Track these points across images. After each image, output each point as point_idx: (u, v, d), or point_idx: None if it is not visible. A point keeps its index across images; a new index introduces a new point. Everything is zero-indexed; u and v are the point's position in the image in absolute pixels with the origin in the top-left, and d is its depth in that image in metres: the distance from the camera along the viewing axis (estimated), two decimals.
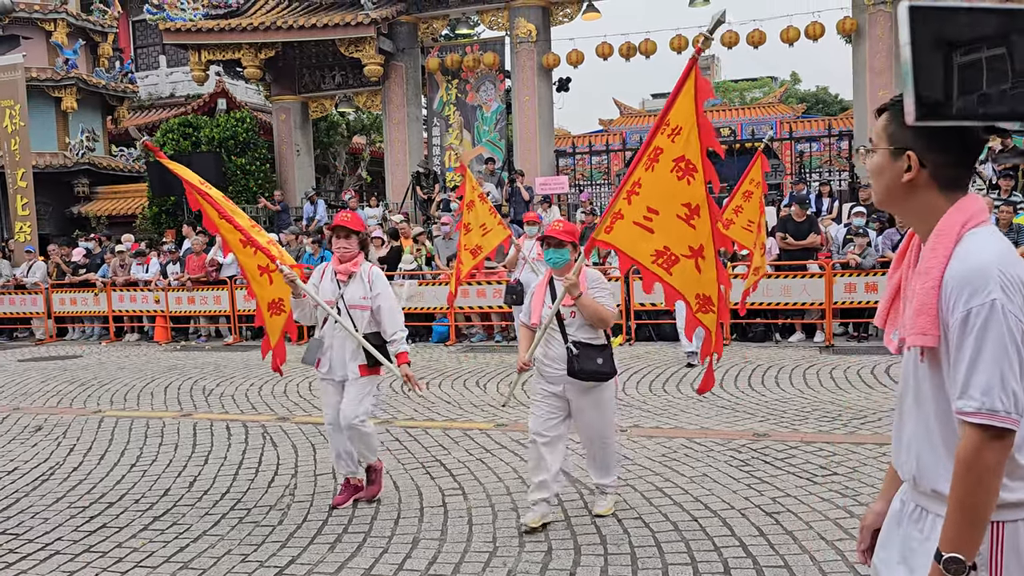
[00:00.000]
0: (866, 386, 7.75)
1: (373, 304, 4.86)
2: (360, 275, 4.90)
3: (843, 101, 43.05)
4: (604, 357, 4.38)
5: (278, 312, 5.11)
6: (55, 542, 4.58)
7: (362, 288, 4.87)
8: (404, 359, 4.86)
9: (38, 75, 20.06)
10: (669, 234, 4.07)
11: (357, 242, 4.92)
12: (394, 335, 4.87)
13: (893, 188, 1.76)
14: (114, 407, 8.23)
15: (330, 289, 4.92)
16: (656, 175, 3.98)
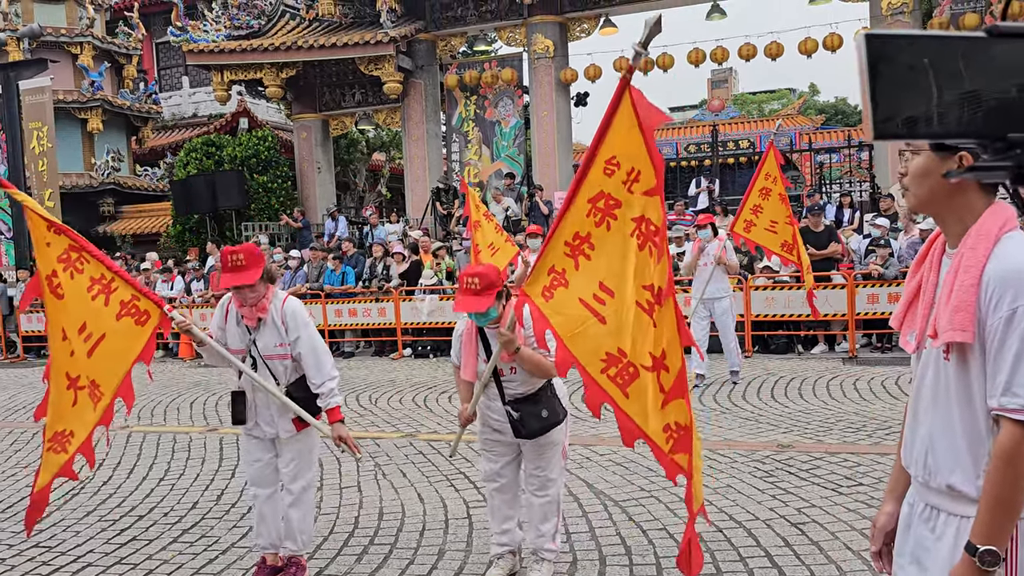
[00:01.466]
0: (891, 397, 7.70)
1: (293, 350, 3.93)
2: (271, 318, 3.92)
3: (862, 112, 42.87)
4: (548, 407, 3.77)
5: (59, 449, 3.85)
6: (87, 555, 4.65)
7: (276, 334, 3.92)
8: (336, 416, 3.96)
9: (65, 97, 20.45)
10: (624, 330, 2.96)
11: (261, 283, 3.86)
12: (321, 385, 3.93)
13: (938, 189, 1.78)
14: (141, 422, 8.34)
15: (238, 335, 3.99)
16: (612, 236, 2.97)
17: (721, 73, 49.37)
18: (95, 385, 3.82)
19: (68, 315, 3.83)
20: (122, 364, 3.80)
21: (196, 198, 17.62)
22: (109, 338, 3.79)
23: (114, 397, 3.81)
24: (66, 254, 3.81)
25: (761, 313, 10.71)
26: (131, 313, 3.81)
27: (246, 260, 3.77)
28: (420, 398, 8.91)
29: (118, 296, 3.81)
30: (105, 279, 3.82)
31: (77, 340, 3.80)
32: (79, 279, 3.81)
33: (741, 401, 7.85)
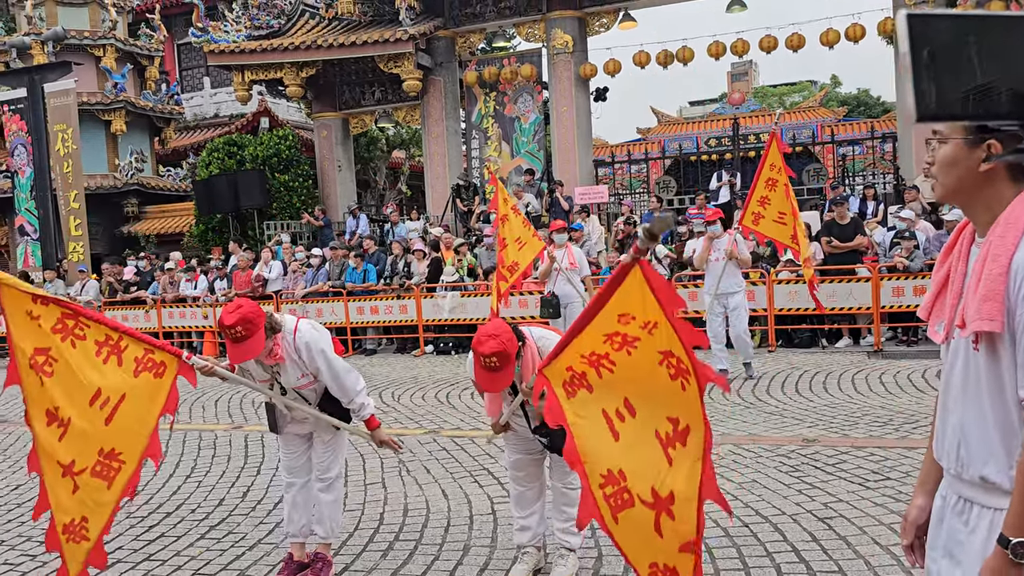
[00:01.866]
0: (917, 390, 7.62)
1: (317, 376, 4.01)
2: (288, 356, 3.94)
3: (885, 103, 42.37)
4: None
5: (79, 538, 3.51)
6: (116, 551, 4.71)
7: (296, 368, 3.97)
8: (374, 424, 4.11)
9: (88, 99, 20.67)
10: (632, 454, 2.79)
11: (263, 337, 3.77)
12: (351, 403, 4.04)
13: (966, 178, 1.75)
14: (166, 420, 8.40)
15: (259, 369, 4.00)
16: (635, 362, 2.78)
17: (741, 66, 49.00)
18: (113, 456, 3.54)
19: (70, 389, 3.51)
20: (147, 424, 3.61)
21: (218, 198, 17.76)
22: (129, 398, 3.58)
23: (140, 461, 3.60)
24: (61, 324, 3.53)
25: (784, 307, 10.63)
26: (148, 368, 3.63)
27: (245, 331, 3.68)
28: (443, 394, 8.93)
29: (131, 354, 3.63)
30: (112, 339, 3.62)
31: (90, 411, 3.53)
32: (83, 346, 3.56)
33: (765, 395, 7.80)
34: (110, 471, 3.54)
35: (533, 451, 3.99)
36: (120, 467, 3.55)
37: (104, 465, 3.53)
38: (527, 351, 3.64)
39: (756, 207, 7.90)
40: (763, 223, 7.97)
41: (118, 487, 3.54)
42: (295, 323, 4.01)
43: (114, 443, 3.55)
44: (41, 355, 3.48)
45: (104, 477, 3.53)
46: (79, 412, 3.51)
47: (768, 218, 7.93)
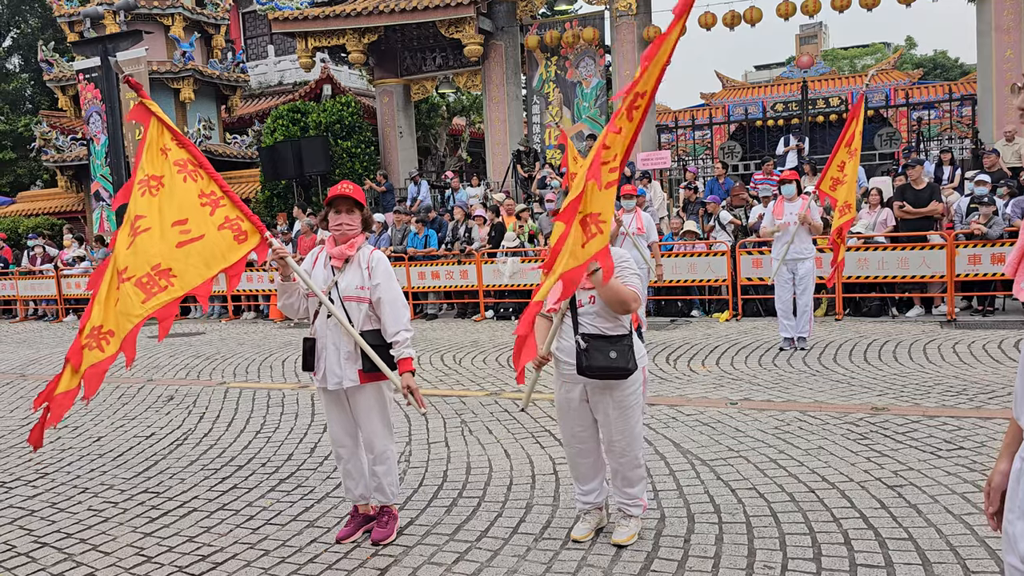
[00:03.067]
0: (993, 360, 7.37)
1: (372, 296, 4.00)
2: (358, 260, 4.03)
3: (963, 65, 40.64)
4: (619, 350, 3.69)
5: (94, 345, 3.69)
6: (192, 500, 4.89)
7: (359, 276, 4.01)
8: (407, 366, 3.97)
9: (158, 68, 21.12)
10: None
11: (360, 219, 4.05)
12: (396, 335, 3.96)
13: None
14: (237, 379, 8.67)
15: (322, 277, 4.07)
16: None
17: (811, 28, 47.51)
18: (165, 274, 3.75)
19: (164, 208, 3.84)
20: (209, 268, 3.83)
21: (283, 164, 18.04)
22: (206, 241, 3.85)
23: (186, 294, 3.77)
24: (183, 163, 3.93)
25: (853, 275, 10.35)
26: (233, 228, 3.92)
27: (354, 190, 4.02)
28: (503, 358, 8.99)
29: (224, 211, 3.93)
30: (215, 195, 3.94)
31: (170, 230, 3.82)
32: (191, 185, 3.92)
33: (832, 364, 7.64)
34: (154, 286, 3.74)
35: (580, 425, 3.92)
36: (165, 288, 3.75)
37: (152, 279, 3.74)
38: None
39: (836, 172, 7.70)
40: (840, 189, 7.79)
41: (152, 305, 3.72)
42: (374, 248, 4.20)
43: (172, 263, 3.78)
44: (155, 180, 3.88)
45: (145, 290, 3.73)
46: (159, 227, 3.81)
47: (847, 185, 7.81)
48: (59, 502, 5.01)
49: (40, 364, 10.63)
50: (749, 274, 10.89)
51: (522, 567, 3.69)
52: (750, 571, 3.50)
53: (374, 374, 4.00)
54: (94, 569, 3.98)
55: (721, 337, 9.52)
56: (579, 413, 3.90)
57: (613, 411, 3.79)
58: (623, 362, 3.68)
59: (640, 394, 3.87)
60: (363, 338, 3.95)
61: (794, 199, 8.46)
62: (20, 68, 32.12)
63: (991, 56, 14.41)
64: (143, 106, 3.96)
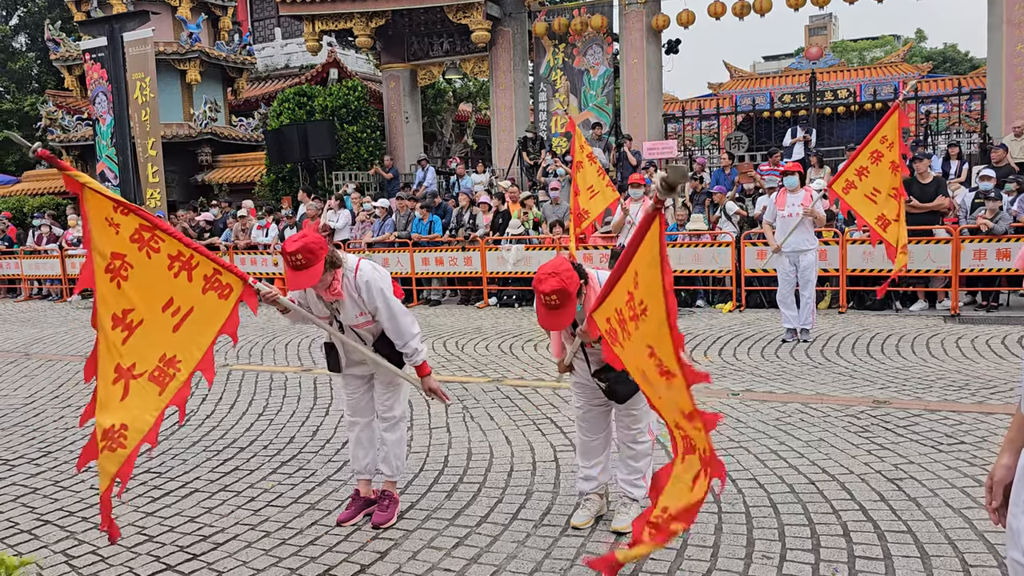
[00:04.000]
0: (996, 356, 7.36)
1: (375, 316, 4.05)
2: (347, 293, 3.99)
3: (973, 59, 40.40)
4: None
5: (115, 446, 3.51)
6: (194, 481, 4.92)
7: (355, 306, 4.01)
8: (425, 370, 4.12)
9: (164, 49, 21.07)
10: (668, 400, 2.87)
11: (326, 275, 3.88)
12: (405, 346, 4.05)
13: None
14: (240, 361, 8.70)
15: (320, 305, 4.08)
16: (635, 341, 2.95)
17: (820, 19, 47.22)
18: (172, 363, 3.67)
19: (145, 293, 3.64)
20: (207, 336, 3.73)
21: (288, 148, 18.03)
22: (196, 311, 3.72)
23: (193, 372, 3.71)
24: (138, 234, 3.62)
25: (858, 267, 10.33)
26: (214, 287, 3.75)
27: (305, 259, 3.73)
28: (506, 345, 9.00)
29: (200, 271, 3.73)
30: (184, 256, 3.71)
31: (162, 317, 3.67)
32: (156, 259, 3.66)
33: (835, 356, 7.64)
34: (166, 377, 3.65)
35: (597, 399, 3.98)
36: (175, 375, 3.67)
37: (162, 371, 3.65)
38: (590, 291, 3.61)
39: (852, 175, 7.35)
40: (853, 194, 7.31)
41: (169, 394, 3.65)
42: (356, 262, 4.05)
43: (176, 350, 3.68)
44: (118, 259, 3.59)
45: (159, 383, 3.64)
46: (152, 316, 3.64)
47: (860, 191, 7.34)
48: (62, 480, 5.04)
49: (44, 343, 10.67)
50: (753, 265, 10.87)
51: (521, 553, 3.71)
52: (749, 561, 3.51)
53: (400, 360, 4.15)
54: (96, 547, 4.00)
55: (724, 328, 9.52)
56: (591, 392, 3.98)
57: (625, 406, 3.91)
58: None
59: None
60: (379, 345, 4.10)
61: (797, 190, 8.43)
62: (27, 47, 32.07)
63: (1001, 50, 14.32)
64: (69, 177, 3.51)
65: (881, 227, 7.43)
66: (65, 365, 8.94)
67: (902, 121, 7.24)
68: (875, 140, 7.23)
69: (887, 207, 7.38)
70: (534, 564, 3.59)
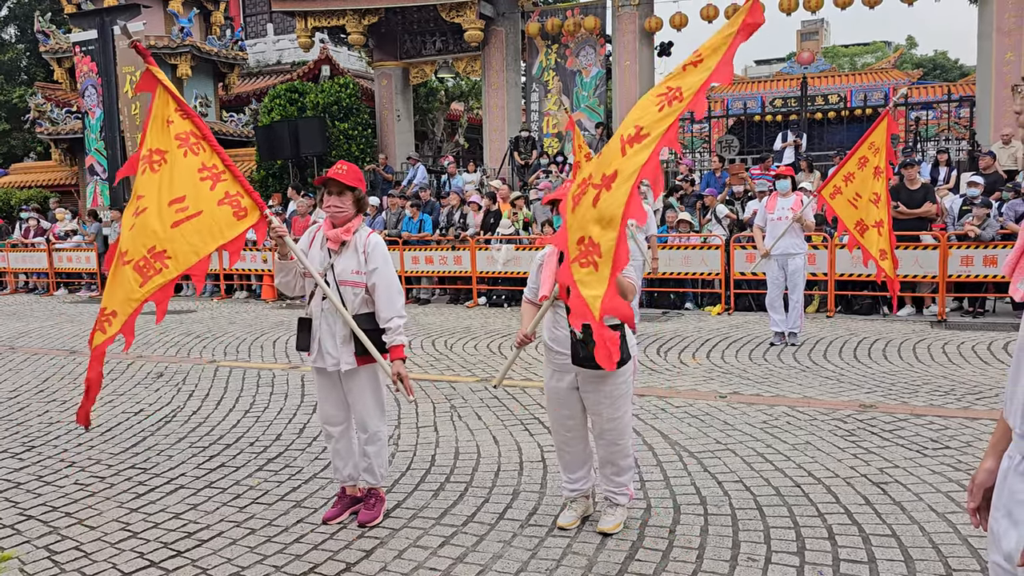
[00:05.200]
0: (982, 362, 7.41)
1: (368, 280, 3.97)
2: (354, 244, 4.00)
3: (963, 66, 40.68)
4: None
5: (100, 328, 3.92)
6: (179, 477, 4.89)
7: (355, 260, 3.98)
8: (399, 353, 3.96)
9: (156, 43, 20.94)
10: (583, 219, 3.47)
11: (352, 201, 4.00)
12: (390, 321, 3.95)
13: None
14: (227, 358, 8.66)
15: (319, 259, 4.04)
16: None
17: (812, 25, 47.47)
18: (160, 256, 3.74)
19: (163, 186, 3.79)
20: (206, 245, 3.78)
21: (279, 144, 17.94)
22: (203, 217, 3.78)
23: (181, 274, 3.78)
24: (185, 136, 3.87)
25: (846, 272, 10.38)
26: (232, 204, 3.84)
27: (348, 171, 3.99)
28: (495, 345, 8.99)
29: (224, 186, 3.86)
30: (217, 169, 3.88)
31: (166, 210, 3.75)
32: (191, 159, 3.85)
33: (822, 360, 7.67)
34: (150, 269, 3.76)
35: (574, 410, 3.93)
36: (160, 271, 3.75)
37: (148, 263, 3.75)
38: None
39: (839, 181, 7.33)
40: (839, 199, 7.30)
41: (148, 288, 3.77)
42: (371, 231, 4.12)
43: (168, 244, 3.76)
44: (157, 155, 3.84)
45: (142, 274, 3.76)
46: (157, 207, 3.77)
47: (844, 196, 7.31)
48: (46, 475, 5.00)
49: (30, 337, 10.60)
50: (743, 268, 10.91)
51: (507, 552, 3.71)
52: (734, 563, 3.52)
53: (369, 357, 3.98)
54: (79, 543, 3.97)
55: (712, 330, 9.54)
56: (568, 401, 3.91)
57: (604, 400, 3.81)
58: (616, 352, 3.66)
59: (630, 383, 3.90)
60: (357, 321, 3.93)
61: (787, 195, 8.46)
62: (16, 39, 31.82)
63: (991, 58, 14.41)
64: (150, 73, 3.94)
65: (859, 232, 7.42)
66: (51, 359, 8.88)
67: (891, 128, 7.25)
68: (864, 146, 7.25)
69: (866, 212, 7.38)
70: (520, 564, 3.59)
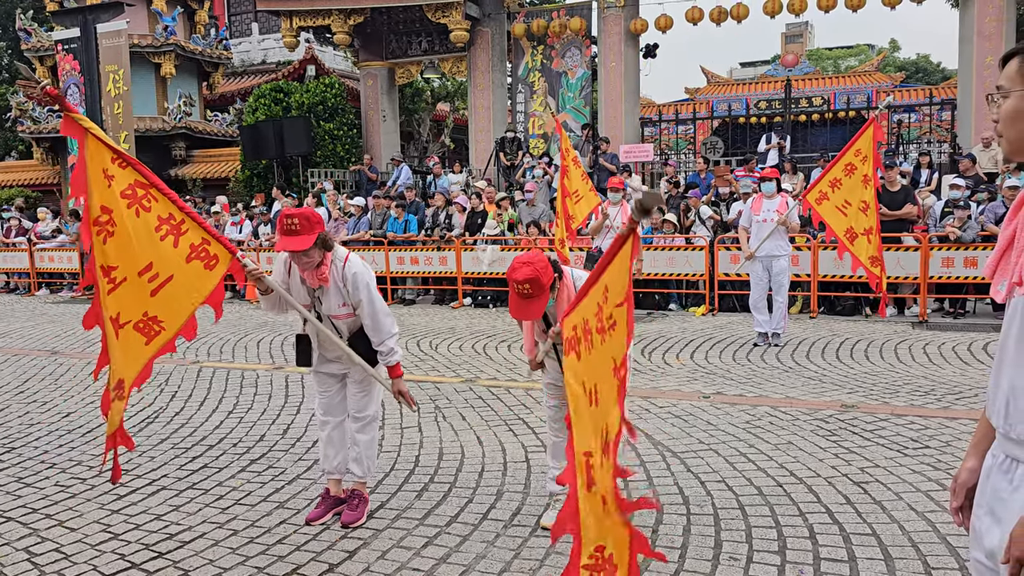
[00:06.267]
0: (962, 362, 7.48)
1: (356, 309, 4.03)
2: (333, 280, 3.97)
3: (945, 70, 41.04)
4: None
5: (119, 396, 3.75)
6: (161, 479, 4.87)
7: (339, 295, 3.99)
8: (397, 372, 4.07)
9: (139, 42, 20.81)
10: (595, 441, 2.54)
11: (316, 249, 3.85)
12: (382, 344, 4.02)
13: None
14: (211, 358, 8.61)
15: (303, 292, 4.04)
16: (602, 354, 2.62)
17: (796, 27, 47.78)
18: (155, 320, 3.65)
19: (126, 254, 3.57)
20: (188, 306, 3.67)
21: (264, 144, 17.88)
22: (176, 280, 3.63)
23: (176, 334, 3.70)
24: (131, 190, 3.54)
25: (828, 273, 10.45)
26: (200, 257, 3.65)
27: (300, 225, 3.73)
28: (480, 346, 8.99)
29: (188, 239, 3.63)
30: (175, 220, 3.61)
31: (138, 281, 3.59)
32: (145, 217, 3.56)
33: (805, 360, 7.72)
34: (150, 330, 3.67)
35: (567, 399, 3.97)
36: (160, 331, 3.68)
37: (147, 324, 3.66)
38: (563, 287, 3.68)
39: (825, 187, 7.37)
40: (825, 205, 7.40)
41: (155, 347, 3.68)
42: (347, 254, 4.05)
43: (157, 311, 3.66)
44: (105, 214, 3.52)
45: (145, 334, 3.66)
46: (131, 277, 3.60)
47: (832, 203, 7.37)
48: (26, 477, 4.96)
49: (10, 337, 10.50)
50: (727, 269, 10.96)
51: (491, 552, 3.71)
52: (716, 562, 3.54)
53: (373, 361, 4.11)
54: (59, 544, 3.95)
55: (696, 331, 9.58)
56: (562, 391, 3.92)
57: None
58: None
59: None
60: (356, 339, 4.07)
61: (773, 196, 8.51)
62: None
63: (972, 62, 14.56)
64: (72, 120, 3.51)
65: (848, 239, 7.49)
66: (31, 360, 8.80)
67: (877, 135, 7.29)
68: (850, 153, 7.30)
69: (856, 220, 7.46)
70: (503, 564, 3.59)
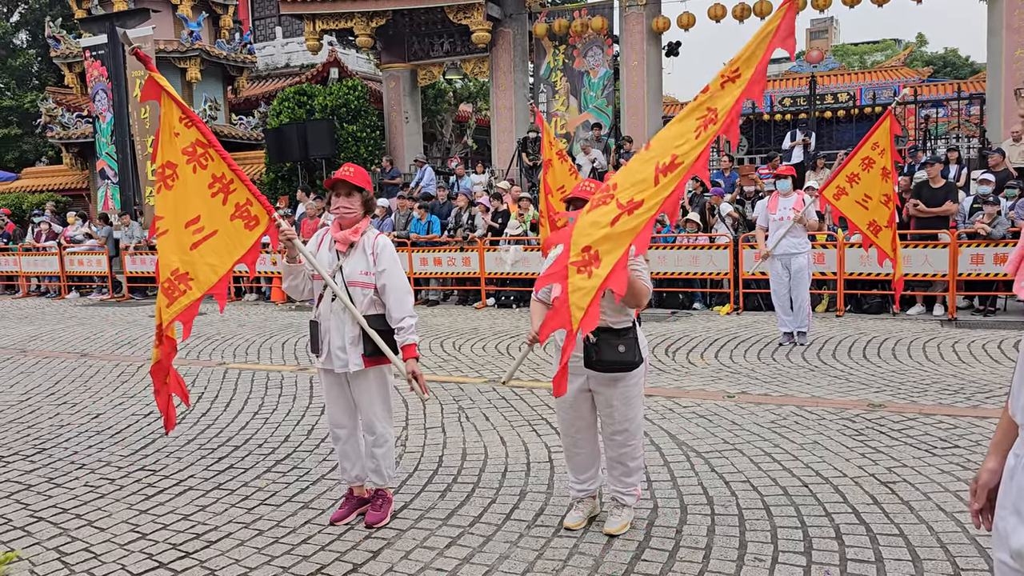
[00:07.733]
0: (992, 360, 7.37)
1: (377, 281, 3.98)
2: (363, 246, 4.00)
3: (974, 64, 40.46)
4: (627, 344, 3.73)
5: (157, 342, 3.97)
6: (188, 479, 4.92)
7: (364, 262, 3.98)
8: (412, 352, 3.96)
9: (165, 47, 21.06)
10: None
11: (360, 202, 4.01)
12: (401, 321, 3.95)
13: None
14: (236, 360, 8.69)
15: (327, 260, 4.06)
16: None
17: (821, 23, 47.32)
18: (183, 278, 3.83)
19: (179, 206, 3.82)
20: (224, 263, 3.86)
21: (288, 147, 18.02)
22: (219, 236, 3.85)
23: (204, 295, 3.85)
24: (192, 147, 3.82)
25: (855, 271, 10.34)
26: (243, 216, 3.87)
27: (356, 173, 4.00)
28: (503, 346, 9.00)
29: (235, 198, 3.86)
30: (226, 179, 3.85)
31: (183, 232, 3.82)
32: (201, 174, 3.83)
33: (831, 359, 7.64)
34: (175, 291, 3.85)
35: (580, 418, 3.93)
36: (185, 291, 3.85)
37: (172, 284, 3.84)
38: None
39: (843, 182, 7.33)
40: (844, 200, 7.39)
41: (175, 309, 3.85)
42: (379, 232, 4.14)
43: (189, 268, 3.85)
44: (169, 168, 3.84)
45: (168, 295, 3.86)
46: (176, 228, 3.83)
47: (851, 197, 7.36)
48: (56, 477, 5.04)
49: (41, 340, 10.67)
50: (750, 268, 10.87)
51: (514, 553, 3.71)
52: (741, 563, 3.51)
53: (377, 358, 4.00)
54: (89, 544, 4.00)
55: (721, 330, 9.52)
56: (578, 404, 3.91)
57: (617, 402, 3.81)
58: (631, 356, 3.73)
59: (642, 385, 3.90)
60: (372, 322, 3.97)
61: (789, 194, 8.42)
62: (27, 44, 32.05)
63: (1001, 55, 14.33)
64: (153, 81, 3.86)
65: (872, 232, 7.47)
66: (62, 362, 8.94)
67: (894, 128, 7.25)
68: (867, 146, 7.24)
69: (878, 213, 7.41)
70: (526, 564, 3.59)
